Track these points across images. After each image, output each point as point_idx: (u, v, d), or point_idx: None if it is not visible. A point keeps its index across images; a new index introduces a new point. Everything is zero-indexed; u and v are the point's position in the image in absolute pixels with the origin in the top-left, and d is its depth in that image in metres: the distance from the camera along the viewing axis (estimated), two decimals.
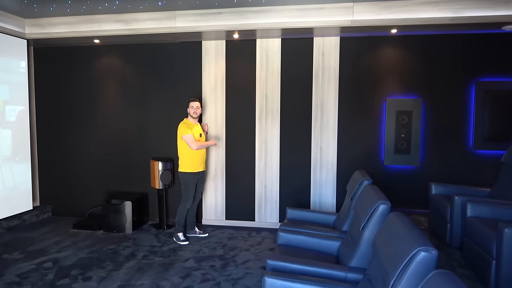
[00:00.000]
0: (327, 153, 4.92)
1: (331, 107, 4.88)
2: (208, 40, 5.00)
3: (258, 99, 4.99)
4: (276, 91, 4.95)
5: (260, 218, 5.09)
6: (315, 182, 4.97)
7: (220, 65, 5.02)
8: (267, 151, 5.02)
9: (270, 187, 5.05)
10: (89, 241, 4.49)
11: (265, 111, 4.99)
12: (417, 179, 4.91)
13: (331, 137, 4.91)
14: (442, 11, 3.94)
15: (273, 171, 5.03)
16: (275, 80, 4.94)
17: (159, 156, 5.21)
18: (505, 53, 4.69)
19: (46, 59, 5.49)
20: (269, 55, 4.94)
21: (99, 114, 5.42)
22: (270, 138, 5.01)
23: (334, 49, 4.83)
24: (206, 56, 5.05)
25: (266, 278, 2.21)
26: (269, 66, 4.94)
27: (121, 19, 4.56)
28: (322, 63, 4.86)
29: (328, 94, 4.87)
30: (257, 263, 3.86)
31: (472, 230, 3.53)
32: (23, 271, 3.65)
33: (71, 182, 5.54)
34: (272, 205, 5.06)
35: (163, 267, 3.75)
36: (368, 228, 2.46)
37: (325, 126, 4.91)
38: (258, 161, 5.05)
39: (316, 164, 4.96)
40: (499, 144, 4.71)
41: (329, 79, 4.86)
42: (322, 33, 4.68)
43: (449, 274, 1.40)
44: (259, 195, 5.07)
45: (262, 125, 5.01)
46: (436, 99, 4.83)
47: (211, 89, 5.06)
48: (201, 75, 5.08)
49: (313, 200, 4.99)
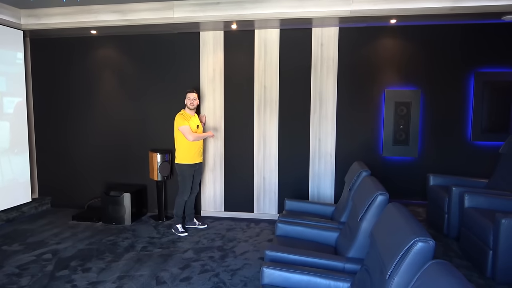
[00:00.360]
0: (325, 144, 4.92)
1: (330, 98, 4.86)
2: (206, 31, 4.96)
3: (256, 91, 4.98)
4: (274, 83, 4.93)
5: (258, 209, 5.11)
6: (313, 173, 4.98)
7: (218, 56, 4.99)
8: (266, 142, 5.02)
9: (269, 179, 5.05)
10: (88, 233, 4.51)
11: (264, 103, 4.98)
12: (415, 170, 4.92)
13: (329, 129, 4.90)
14: (442, 1, 3.90)
15: (272, 163, 5.03)
16: (273, 71, 4.92)
17: (158, 147, 5.21)
18: (504, 44, 4.66)
19: (43, 50, 5.45)
20: (267, 46, 4.90)
21: (97, 106, 5.39)
22: (269, 129, 5.00)
23: (333, 39, 4.79)
24: (204, 47, 5.01)
25: (264, 268, 2.23)
26: (268, 57, 4.91)
27: (118, 9, 4.51)
28: (321, 54, 4.83)
29: (327, 85, 4.85)
30: (256, 254, 3.88)
31: (470, 220, 3.55)
32: (22, 262, 3.67)
33: (70, 174, 5.54)
34: (271, 197, 5.07)
35: (162, 258, 3.77)
36: (366, 219, 2.47)
37: (323, 117, 4.90)
38: (256, 152, 5.04)
39: (314, 155, 4.96)
40: (497, 135, 4.71)
41: (327, 70, 4.84)
42: (321, 23, 4.64)
43: (446, 264, 1.41)
44: (257, 187, 5.08)
45: (261, 117, 5.00)
46: (434, 90, 4.82)
47: (209, 80, 5.04)
48: (199, 66, 5.05)
49: (312, 192, 5.00)
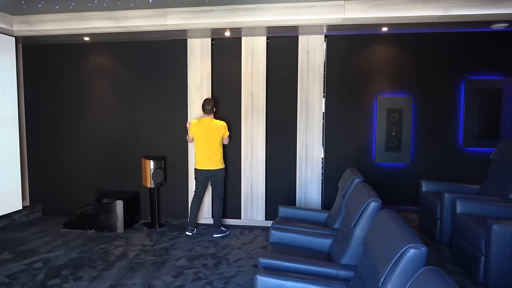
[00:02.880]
0: (312, 151, 4.93)
1: (316, 106, 4.88)
2: (194, 38, 4.96)
3: (243, 97, 4.97)
4: (261, 89, 4.93)
5: (246, 216, 5.09)
6: (300, 179, 4.98)
7: (206, 63, 4.99)
8: (253, 149, 5.02)
9: (256, 185, 5.04)
10: (80, 241, 4.46)
11: (251, 109, 4.98)
12: (408, 177, 4.95)
13: (316, 135, 4.91)
14: (431, 9, 3.96)
15: (259, 169, 5.02)
16: (260, 78, 4.93)
17: (151, 154, 5.18)
18: (493, 51, 4.74)
19: (35, 57, 5.41)
20: (254, 53, 4.91)
21: (90, 112, 5.36)
22: (256, 136, 5.00)
23: (319, 47, 4.83)
24: (192, 54, 5.01)
25: (258, 276, 2.21)
26: (254, 64, 4.92)
27: (112, 16, 4.51)
28: (307, 62, 4.87)
29: (313, 93, 4.87)
30: (249, 261, 3.86)
31: (462, 226, 3.57)
32: (13, 271, 3.61)
33: (61, 181, 5.48)
34: (258, 203, 5.06)
35: (155, 266, 3.73)
36: (359, 225, 2.48)
37: (310, 124, 4.91)
38: (244, 159, 5.04)
39: (301, 162, 4.96)
40: (488, 142, 4.77)
41: (314, 78, 4.86)
42: (315, 31, 4.68)
43: (439, 270, 1.42)
44: (245, 193, 5.07)
45: (248, 123, 5.01)
46: (426, 97, 4.88)
47: (197, 87, 5.03)
48: (187, 73, 5.04)
49: (299, 198, 5.00)
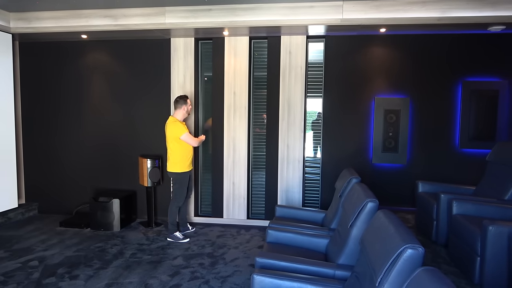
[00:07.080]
0: (293, 150, 4.94)
1: (298, 106, 4.88)
2: (177, 37, 4.97)
3: (226, 96, 4.98)
4: (244, 89, 4.93)
5: (228, 215, 5.08)
6: (282, 178, 4.99)
7: (189, 62, 4.99)
8: (236, 147, 5.02)
9: (238, 184, 5.04)
10: (76, 239, 4.44)
11: (234, 108, 4.98)
12: (405, 177, 4.97)
13: (297, 135, 4.92)
14: (430, 11, 3.97)
15: (241, 168, 5.02)
16: (243, 78, 4.93)
17: (148, 153, 5.17)
18: (491, 54, 4.76)
19: (32, 54, 5.38)
20: (237, 53, 4.91)
21: (86, 111, 5.34)
22: (238, 135, 5.00)
23: (301, 48, 4.83)
24: (175, 52, 5.01)
25: (254, 275, 2.22)
26: (237, 64, 4.92)
27: (110, 14, 4.49)
28: (289, 62, 4.87)
29: (295, 93, 4.88)
30: (246, 260, 3.86)
31: (458, 227, 3.59)
32: (8, 269, 3.59)
33: (57, 179, 5.46)
34: (240, 202, 5.06)
35: (152, 265, 3.73)
36: (356, 226, 2.49)
37: (291, 124, 4.92)
38: (226, 158, 5.04)
39: (283, 161, 4.97)
40: (485, 143, 4.79)
41: (295, 78, 4.87)
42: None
43: (435, 270, 1.43)
44: (227, 192, 5.07)
45: (231, 122, 5.01)
46: (423, 98, 4.89)
47: (180, 86, 5.04)
48: (170, 72, 5.05)
49: (280, 197, 5.01)
